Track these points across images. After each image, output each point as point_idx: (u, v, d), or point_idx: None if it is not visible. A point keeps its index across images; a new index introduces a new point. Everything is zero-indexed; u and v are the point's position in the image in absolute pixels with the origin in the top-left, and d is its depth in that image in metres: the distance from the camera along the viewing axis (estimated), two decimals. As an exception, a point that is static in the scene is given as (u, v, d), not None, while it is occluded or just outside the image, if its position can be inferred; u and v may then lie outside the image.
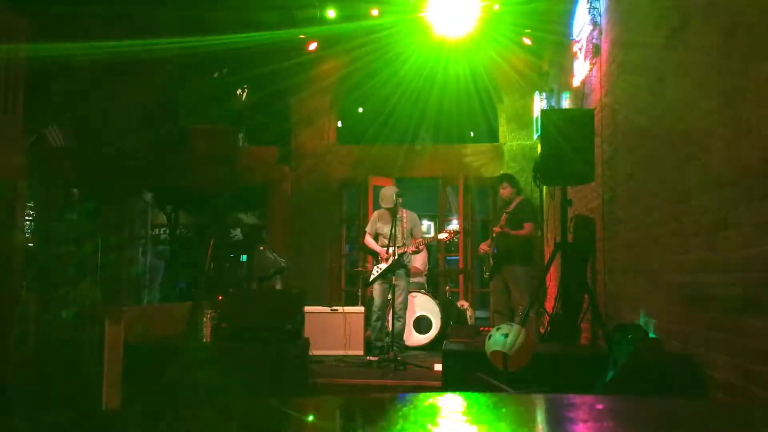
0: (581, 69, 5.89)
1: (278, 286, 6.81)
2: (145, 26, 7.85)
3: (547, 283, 7.51)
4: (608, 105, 5.16)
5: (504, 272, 6.20)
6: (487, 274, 6.44)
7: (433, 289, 8.58)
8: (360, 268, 7.86)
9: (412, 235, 6.40)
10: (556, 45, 7.56)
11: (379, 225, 6.50)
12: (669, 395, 3.11)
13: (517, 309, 6.10)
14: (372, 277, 6.44)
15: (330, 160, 9.39)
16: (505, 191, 6.41)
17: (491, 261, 6.25)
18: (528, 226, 6.15)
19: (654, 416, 0.92)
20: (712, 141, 3.08)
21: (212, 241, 5.49)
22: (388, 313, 6.35)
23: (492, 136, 9.90)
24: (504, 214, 6.27)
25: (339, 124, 10.07)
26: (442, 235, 6.41)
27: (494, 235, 6.20)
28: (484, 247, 6.40)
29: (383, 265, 6.30)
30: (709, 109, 3.11)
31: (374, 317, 6.46)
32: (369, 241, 6.59)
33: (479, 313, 8.50)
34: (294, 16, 8.24)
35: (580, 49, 5.87)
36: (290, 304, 5.03)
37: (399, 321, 6.35)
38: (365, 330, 6.98)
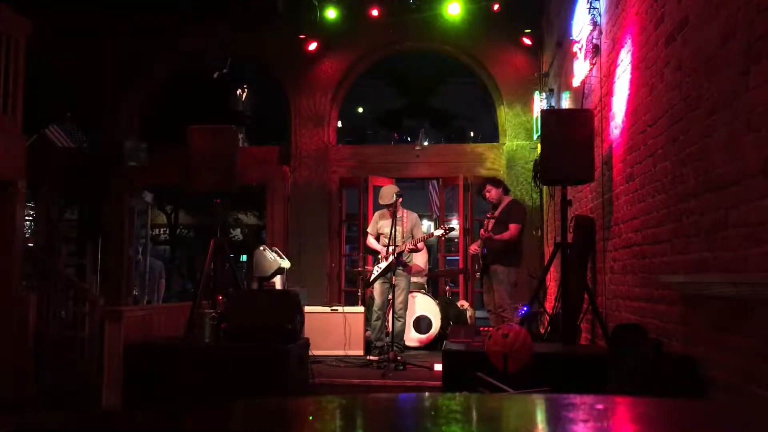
0: (581, 69, 5.89)
1: (278, 286, 6.81)
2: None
3: (547, 283, 7.51)
4: (608, 105, 5.16)
5: (490, 272, 6.17)
6: (478, 274, 6.43)
7: (433, 289, 8.58)
8: (360, 269, 7.87)
9: (412, 235, 6.40)
10: (555, 45, 7.56)
11: (380, 224, 6.51)
12: (669, 395, 3.11)
13: (498, 311, 6.01)
14: (372, 277, 6.44)
15: (330, 160, 9.39)
16: (490, 194, 6.28)
17: (481, 262, 6.22)
18: (513, 228, 6.01)
19: (654, 416, 0.93)
20: (712, 141, 3.08)
21: (212, 241, 5.48)
22: (388, 313, 6.35)
23: (492, 135, 9.91)
24: (490, 218, 6.15)
25: (339, 124, 10.07)
26: (438, 231, 6.43)
27: (483, 237, 6.12)
28: (474, 247, 6.37)
29: (383, 264, 6.30)
30: (709, 109, 3.11)
31: (374, 317, 6.46)
32: (371, 241, 6.59)
33: (479, 313, 8.49)
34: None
35: (580, 49, 5.87)
36: (290, 304, 5.02)
37: (399, 321, 6.34)
38: (365, 330, 6.99)
